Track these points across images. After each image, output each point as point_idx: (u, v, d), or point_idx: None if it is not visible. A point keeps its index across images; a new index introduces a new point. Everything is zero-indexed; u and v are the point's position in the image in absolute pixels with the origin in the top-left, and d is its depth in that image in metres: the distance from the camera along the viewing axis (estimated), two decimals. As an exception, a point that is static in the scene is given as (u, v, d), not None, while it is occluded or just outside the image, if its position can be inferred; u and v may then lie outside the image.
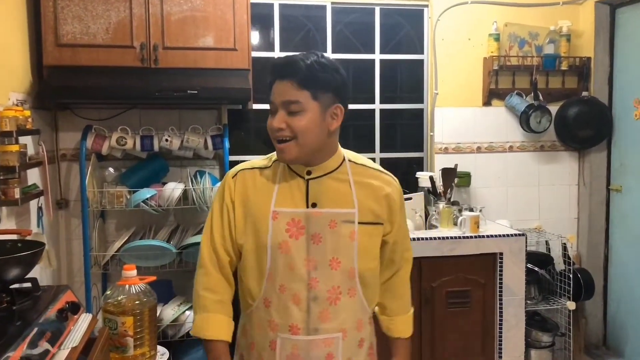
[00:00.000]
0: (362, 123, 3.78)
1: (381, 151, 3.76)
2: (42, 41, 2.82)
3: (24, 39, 2.79)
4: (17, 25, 2.72)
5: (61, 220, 3.25)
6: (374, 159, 3.73)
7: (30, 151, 2.71)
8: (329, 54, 3.63)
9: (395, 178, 1.66)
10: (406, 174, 3.74)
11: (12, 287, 1.76)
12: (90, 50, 2.86)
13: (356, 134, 3.80)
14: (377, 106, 3.74)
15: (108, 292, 2.18)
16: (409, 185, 3.58)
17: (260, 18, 3.53)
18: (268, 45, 3.59)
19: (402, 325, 1.77)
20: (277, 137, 1.49)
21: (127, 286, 2.15)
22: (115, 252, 3.04)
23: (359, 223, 1.54)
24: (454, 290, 3.12)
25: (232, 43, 3.01)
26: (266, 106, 3.54)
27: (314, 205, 1.53)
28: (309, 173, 1.54)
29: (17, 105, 2.59)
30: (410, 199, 3.29)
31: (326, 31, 3.63)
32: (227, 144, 3.07)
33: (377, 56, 3.72)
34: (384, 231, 1.61)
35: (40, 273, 2.81)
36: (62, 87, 2.82)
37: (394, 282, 1.73)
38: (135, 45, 2.91)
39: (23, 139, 2.54)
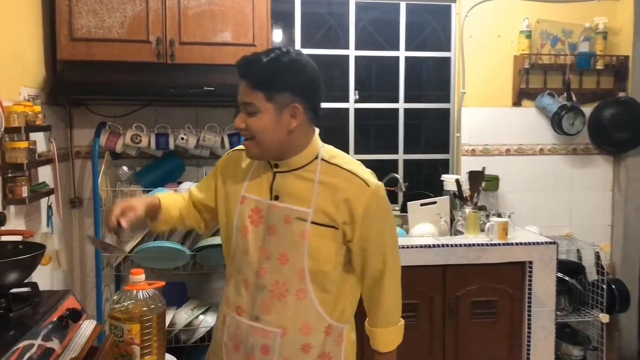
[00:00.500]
0: (384, 122, 3.65)
1: (404, 152, 3.62)
2: (56, 35, 2.75)
3: (37, 32, 2.71)
4: (31, 18, 2.64)
5: (74, 219, 3.18)
6: (396, 160, 3.59)
7: (42, 148, 2.63)
8: (352, 51, 3.50)
9: (372, 183, 1.54)
10: (431, 177, 3.60)
11: (11, 291, 1.67)
12: (105, 44, 2.78)
13: (378, 133, 3.67)
14: (400, 105, 3.60)
15: (115, 298, 2.08)
16: (434, 188, 3.43)
17: (281, 14, 3.42)
18: (289, 42, 3.47)
19: (380, 338, 1.70)
20: (242, 135, 1.54)
21: (134, 291, 2.06)
22: (128, 253, 2.95)
23: (311, 223, 1.52)
24: (479, 300, 2.97)
25: (251, 39, 2.90)
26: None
27: (276, 197, 1.55)
28: (276, 166, 1.57)
29: (28, 100, 2.51)
30: (434, 202, 3.15)
31: (349, 28, 3.50)
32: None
33: (402, 53, 3.58)
34: (346, 237, 1.55)
35: (51, 274, 2.73)
36: (76, 82, 2.75)
37: (374, 291, 1.65)
38: (151, 40, 2.82)
39: (33, 136, 2.47)
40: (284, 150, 1.53)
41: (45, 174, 2.63)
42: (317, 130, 1.60)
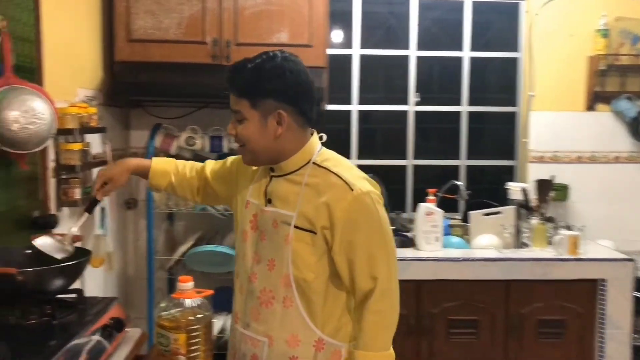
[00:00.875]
0: (446, 126, 3.48)
1: (467, 158, 3.44)
2: (113, 36, 2.75)
3: (96, 34, 2.72)
4: (89, 20, 2.65)
5: (129, 220, 3.19)
6: (458, 167, 3.42)
7: (98, 149, 2.63)
8: (412, 51, 3.36)
9: (357, 187, 1.42)
10: (495, 185, 3.40)
11: (58, 297, 1.64)
12: (162, 45, 2.77)
13: (440, 137, 3.51)
14: (463, 108, 3.43)
15: (162, 305, 2.04)
16: (498, 197, 3.24)
17: (340, 13, 3.31)
18: (347, 42, 3.37)
19: None
20: (236, 142, 1.53)
21: (182, 299, 2.00)
22: (180, 256, 2.92)
23: (294, 227, 1.47)
24: (546, 319, 2.76)
25: (307, 39, 2.82)
26: (342, 107, 3.36)
27: (269, 201, 1.53)
28: (272, 170, 1.55)
29: (84, 102, 2.51)
30: (498, 213, 2.96)
31: (409, 27, 3.35)
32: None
33: (466, 54, 3.40)
34: (327, 244, 1.46)
35: (104, 276, 2.73)
36: (132, 83, 2.75)
37: (360, 311, 1.50)
38: (207, 41, 2.79)
39: (88, 137, 2.47)
40: (276, 155, 1.50)
41: (100, 175, 2.63)
42: (314, 134, 1.54)
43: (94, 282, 2.59)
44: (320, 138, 1.58)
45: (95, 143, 2.56)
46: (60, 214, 2.24)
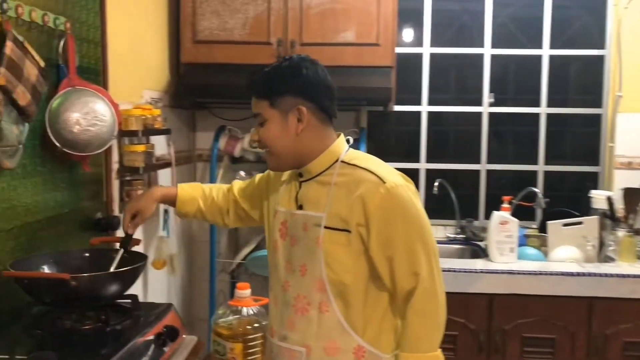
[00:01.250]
0: (523, 129, 3.27)
1: (546, 163, 3.21)
2: (180, 38, 2.75)
3: (162, 35, 2.73)
4: (156, 22, 2.66)
5: (194, 222, 3.18)
6: (535, 172, 3.20)
7: (163, 151, 2.63)
8: (487, 49, 3.17)
9: (390, 180, 1.39)
10: (576, 192, 3.16)
11: (113, 302, 1.62)
12: (227, 46, 2.74)
13: (515, 141, 3.30)
14: (542, 110, 3.20)
15: (219, 312, 1.99)
16: (580, 206, 2.99)
17: (409, 11, 3.18)
18: (416, 40, 3.22)
19: None
20: (259, 148, 1.52)
21: (239, 307, 1.95)
22: (242, 259, 2.88)
23: (325, 228, 1.43)
24: (633, 341, 2.52)
25: (375, 38, 2.71)
26: (411, 108, 3.22)
27: (300, 207, 1.50)
28: (300, 175, 1.52)
29: (150, 103, 2.51)
30: (580, 223, 2.73)
31: (484, 24, 3.17)
32: (363, 150, 2.77)
33: (546, 51, 3.17)
34: (364, 243, 1.41)
35: (167, 278, 2.73)
36: (197, 85, 2.74)
37: (403, 312, 1.44)
38: (272, 41, 2.73)
39: (153, 139, 2.46)
40: (300, 156, 1.47)
41: (166, 177, 2.63)
42: (342, 136, 1.52)
43: (156, 284, 2.59)
44: (348, 141, 1.54)
45: (160, 145, 2.56)
46: (124, 215, 2.23)
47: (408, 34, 3.25)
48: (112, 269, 1.58)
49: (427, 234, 1.42)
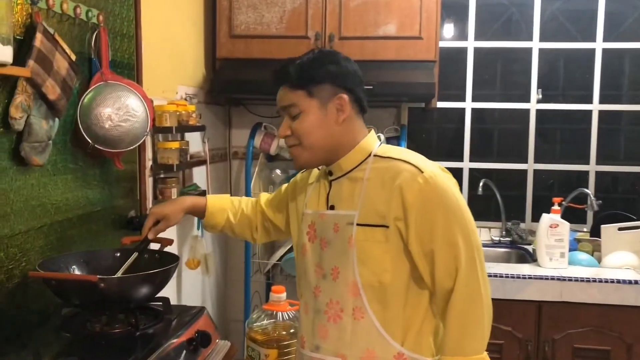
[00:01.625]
0: (573, 127, 3.10)
1: (597, 163, 3.03)
2: (216, 32, 2.69)
3: (198, 30, 2.67)
4: (192, 16, 2.60)
5: (229, 220, 3.12)
6: (587, 173, 3.02)
7: (198, 148, 2.57)
8: (536, 43, 3.01)
9: (428, 170, 1.31)
10: (630, 194, 2.97)
11: (144, 305, 1.56)
12: (263, 41, 2.67)
13: (565, 140, 3.12)
14: (594, 107, 3.02)
15: (254, 316, 1.91)
16: (636, 209, 2.81)
17: (453, 4, 3.04)
18: (459, 34, 3.09)
19: None
20: (287, 145, 1.41)
21: (274, 311, 1.87)
22: (278, 260, 2.80)
23: (357, 225, 1.34)
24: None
25: (418, 31, 2.60)
26: (454, 104, 3.09)
27: (332, 207, 1.41)
28: (330, 174, 1.43)
29: (185, 99, 2.46)
30: (637, 227, 2.56)
31: (532, 17, 3.01)
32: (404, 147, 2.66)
33: (599, 45, 2.99)
34: (403, 238, 1.31)
35: (202, 279, 2.67)
36: (233, 80, 2.67)
37: (445, 311, 1.32)
38: (309, 35, 2.65)
39: (188, 136, 2.41)
40: (333, 150, 1.38)
41: (200, 175, 2.57)
42: (372, 131, 1.44)
43: (190, 284, 2.53)
44: (379, 137, 1.45)
45: (194, 142, 2.50)
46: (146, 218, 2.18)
47: (451, 27, 3.11)
48: (119, 274, 1.51)
49: (469, 227, 1.31)
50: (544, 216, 2.52)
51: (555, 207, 2.53)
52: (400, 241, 1.31)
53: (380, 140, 1.43)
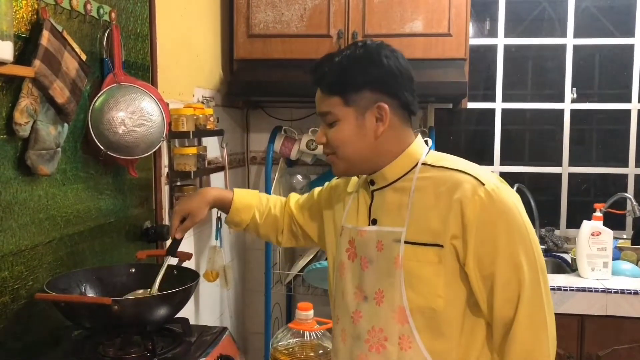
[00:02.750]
0: (610, 128, 2.93)
1: (637, 165, 2.86)
2: (233, 33, 2.56)
3: (215, 30, 2.55)
4: (208, 15, 2.48)
5: (248, 229, 2.99)
6: (626, 176, 2.85)
7: (216, 153, 2.45)
8: (570, 39, 2.85)
9: (490, 182, 1.15)
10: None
11: (161, 327, 1.43)
12: (283, 41, 2.53)
13: (602, 141, 2.95)
14: (633, 105, 2.86)
15: (279, 335, 1.78)
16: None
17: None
18: (490, 31, 2.93)
19: None
20: (324, 152, 1.29)
21: (300, 330, 1.73)
22: (300, 271, 2.67)
23: (405, 243, 1.19)
24: None
25: (447, 27, 2.45)
26: (484, 104, 2.93)
27: (374, 222, 1.26)
28: (372, 183, 1.28)
29: (202, 102, 2.33)
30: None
31: (566, 12, 2.85)
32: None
33: (638, 40, 2.83)
34: (459, 259, 1.15)
35: (220, 291, 2.54)
36: (251, 82, 2.54)
37: (504, 345, 1.15)
38: (331, 33, 2.51)
39: (205, 140, 2.28)
40: (374, 161, 1.25)
41: (218, 181, 2.44)
42: (419, 136, 1.29)
43: (208, 296, 2.40)
44: (426, 142, 1.30)
45: (212, 147, 2.37)
46: (171, 218, 2.05)
47: (480, 24, 2.96)
48: (156, 287, 1.39)
49: (534, 247, 1.15)
50: (585, 223, 2.35)
51: (597, 213, 2.37)
52: (456, 263, 1.16)
53: (428, 146, 1.28)
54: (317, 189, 1.52)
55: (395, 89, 1.20)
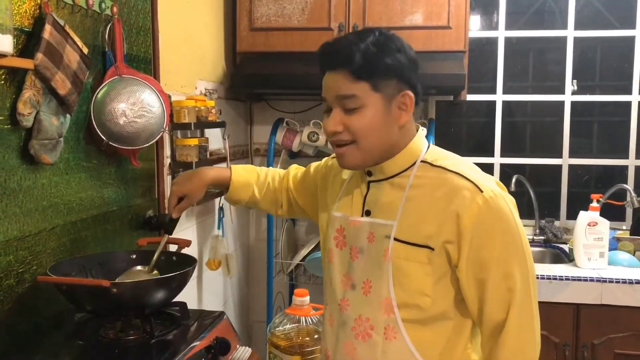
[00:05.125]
0: (611, 120, 2.94)
1: (637, 157, 2.87)
2: (236, 26, 2.60)
3: (217, 23, 2.59)
4: (211, 9, 2.52)
5: (251, 220, 3.05)
6: (626, 167, 2.86)
7: (218, 145, 2.49)
8: (570, 31, 2.86)
9: (488, 189, 1.14)
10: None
11: (160, 310, 1.48)
12: (285, 34, 2.57)
13: (602, 133, 2.97)
14: (634, 97, 2.87)
15: (276, 321, 1.83)
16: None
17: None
18: (489, 24, 2.95)
19: None
20: (334, 141, 1.21)
21: (297, 316, 1.78)
22: (301, 260, 2.71)
23: (395, 240, 1.19)
24: None
25: (446, 20, 2.48)
26: (484, 97, 2.96)
27: (367, 213, 1.25)
28: (369, 174, 1.27)
29: (204, 94, 2.38)
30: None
31: (567, 3, 2.86)
32: (432, 142, 2.54)
33: (639, 32, 2.83)
34: (452, 262, 1.16)
35: (223, 280, 2.60)
36: (254, 75, 2.58)
37: (490, 349, 1.18)
38: (332, 26, 2.55)
39: (208, 132, 2.33)
40: (386, 153, 1.22)
41: (220, 172, 2.49)
42: (419, 128, 1.27)
43: (211, 286, 2.46)
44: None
45: (214, 138, 2.42)
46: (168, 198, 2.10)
47: (480, 16, 2.98)
48: (153, 263, 1.45)
49: (526, 255, 1.16)
50: (582, 214, 2.38)
51: (594, 204, 2.40)
52: (447, 265, 1.17)
53: (428, 142, 1.26)
54: (313, 165, 1.52)
55: (415, 79, 1.19)
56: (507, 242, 1.14)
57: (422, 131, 1.28)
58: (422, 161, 1.21)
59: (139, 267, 1.48)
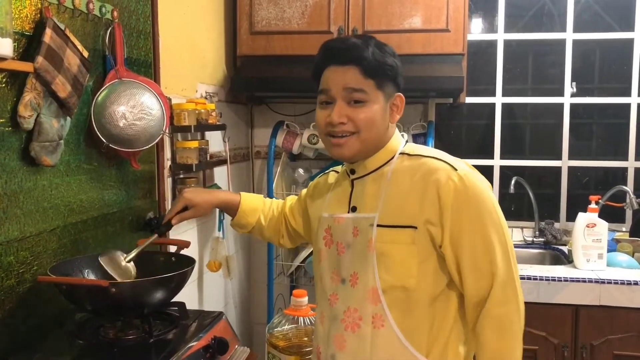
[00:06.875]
0: (610, 122, 2.95)
1: (636, 159, 2.87)
2: (236, 29, 2.62)
3: (218, 27, 2.61)
4: (211, 12, 2.54)
5: (252, 221, 3.06)
6: (625, 169, 2.87)
7: (219, 147, 2.52)
8: (569, 34, 2.87)
9: (461, 168, 1.24)
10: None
11: (159, 310, 1.50)
12: (285, 37, 2.60)
13: (601, 135, 2.97)
14: (633, 100, 2.87)
15: (274, 321, 1.85)
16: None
17: (481, -6, 2.93)
18: (488, 26, 2.97)
19: None
20: (334, 133, 1.27)
21: (295, 316, 1.80)
22: (301, 262, 2.73)
23: (378, 226, 1.26)
24: None
25: (445, 23, 2.50)
26: (483, 99, 2.97)
27: (354, 209, 1.33)
28: (352, 172, 1.35)
29: (205, 98, 2.40)
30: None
31: (565, 6, 2.87)
32: (431, 145, 2.55)
33: (638, 34, 2.84)
34: (435, 241, 1.23)
35: (223, 282, 2.62)
36: (254, 78, 2.60)
37: (480, 319, 1.23)
38: (332, 30, 2.57)
39: (209, 135, 2.35)
40: (375, 148, 1.32)
41: (221, 175, 2.51)
42: (396, 129, 1.38)
43: (211, 287, 2.47)
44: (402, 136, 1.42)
45: (215, 141, 2.44)
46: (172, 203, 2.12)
47: (480, 19, 2.99)
48: (132, 255, 1.45)
49: (504, 228, 1.25)
50: (580, 215, 2.39)
51: (593, 205, 2.40)
52: (430, 244, 1.23)
53: (404, 139, 1.37)
54: (303, 191, 1.58)
55: (402, 84, 1.32)
56: (483, 216, 1.22)
57: (398, 131, 1.38)
58: (400, 153, 1.32)
59: (118, 252, 1.47)
